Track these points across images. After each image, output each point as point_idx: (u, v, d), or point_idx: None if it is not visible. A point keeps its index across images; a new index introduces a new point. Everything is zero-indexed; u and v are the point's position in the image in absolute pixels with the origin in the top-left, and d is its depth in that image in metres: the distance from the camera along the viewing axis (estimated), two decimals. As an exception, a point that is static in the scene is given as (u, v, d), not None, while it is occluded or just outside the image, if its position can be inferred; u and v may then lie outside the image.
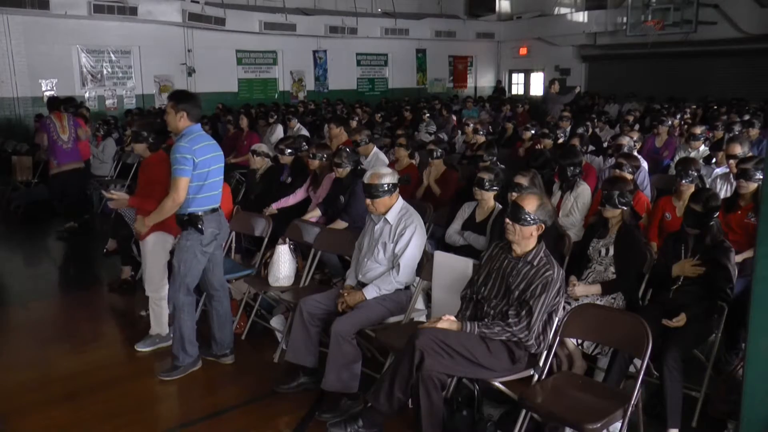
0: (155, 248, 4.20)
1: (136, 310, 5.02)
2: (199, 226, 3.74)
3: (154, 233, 4.15)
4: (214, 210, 3.84)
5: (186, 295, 3.85)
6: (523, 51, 20.58)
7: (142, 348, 4.27)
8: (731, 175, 5.01)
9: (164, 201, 3.70)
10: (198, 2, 13.80)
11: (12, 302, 5.53)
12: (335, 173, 5.04)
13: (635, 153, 5.87)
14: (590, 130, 8.11)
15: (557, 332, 3.03)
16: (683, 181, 4.41)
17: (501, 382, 3.00)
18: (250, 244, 5.44)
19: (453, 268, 3.59)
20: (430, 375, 2.87)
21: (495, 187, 4.27)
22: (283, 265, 4.32)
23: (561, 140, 7.31)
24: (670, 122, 8.03)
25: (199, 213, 3.76)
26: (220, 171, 3.88)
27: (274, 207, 5.39)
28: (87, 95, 13.40)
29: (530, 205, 3.06)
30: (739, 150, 5.17)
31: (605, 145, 7.68)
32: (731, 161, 5.11)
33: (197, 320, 4.04)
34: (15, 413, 3.54)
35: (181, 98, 3.78)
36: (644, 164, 5.67)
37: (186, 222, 3.76)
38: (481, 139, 7.77)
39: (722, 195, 4.94)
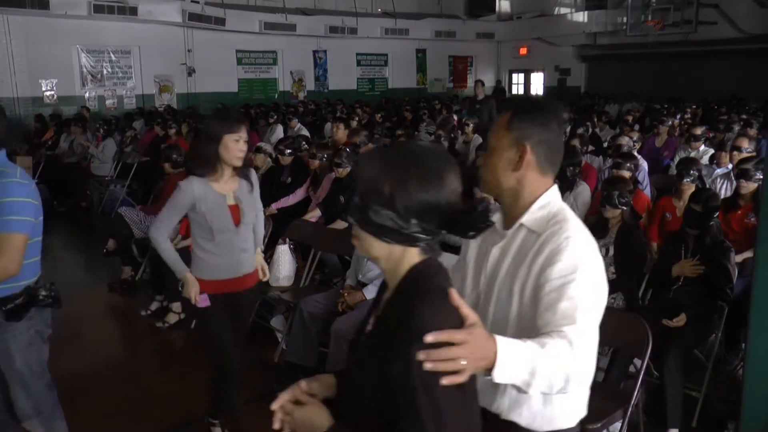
0: None
1: (136, 310, 5.02)
2: None
3: None
4: None
5: None
6: (523, 51, 20.56)
7: None
8: (732, 174, 5.03)
9: None
10: (198, 2, 13.78)
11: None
12: (335, 173, 5.05)
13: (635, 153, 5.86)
14: (590, 130, 8.11)
15: (557, 332, 3.02)
16: (684, 181, 4.40)
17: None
18: (250, 244, 5.43)
19: (453, 268, 3.58)
20: (430, 375, 2.87)
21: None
22: (283, 265, 4.32)
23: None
24: (670, 122, 8.02)
25: None
26: None
27: (274, 207, 5.39)
28: (87, 95, 13.40)
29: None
30: (746, 144, 5.21)
31: (605, 145, 7.67)
32: (734, 152, 5.17)
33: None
34: (15, 413, 3.54)
35: None
36: (644, 164, 5.67)
37: None
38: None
39: (723, 194, 4.96)
